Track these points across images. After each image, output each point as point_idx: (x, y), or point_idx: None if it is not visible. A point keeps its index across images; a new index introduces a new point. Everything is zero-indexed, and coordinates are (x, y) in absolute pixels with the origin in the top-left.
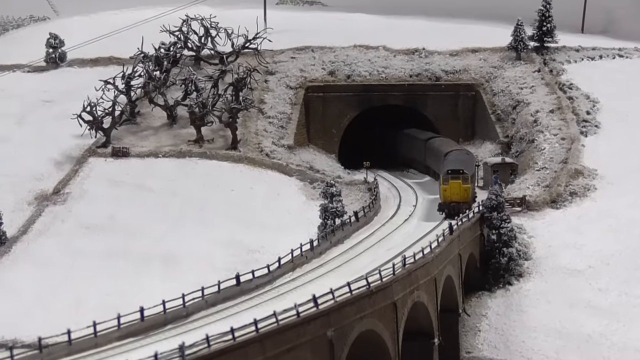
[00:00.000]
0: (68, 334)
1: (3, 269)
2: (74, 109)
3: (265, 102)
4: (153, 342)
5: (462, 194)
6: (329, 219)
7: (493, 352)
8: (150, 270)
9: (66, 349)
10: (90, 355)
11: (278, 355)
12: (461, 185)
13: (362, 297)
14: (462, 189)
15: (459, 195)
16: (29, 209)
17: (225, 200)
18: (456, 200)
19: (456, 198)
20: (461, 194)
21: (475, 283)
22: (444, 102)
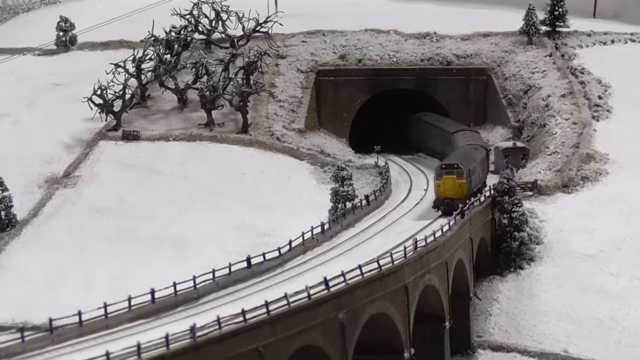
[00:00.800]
0: (79, 315)
1: (13, 252)
2: (84, 92)
3: (276, 85)
4: (164, 323)
5: (456, 190)
6: (339, 202)
7: (504, 337)
8: (160, 253)
9: (77, 331)
10: (101, 337)
11: (289, 337)
12: (455, 181)
13: (373, 279)
14: (456, 185)
15: (453, 191)
16: (39, 192)
17: (235, 183)
18: (450, 196)
19: (450, 194)
20: (456, 189)
21: (487, 267)
22: (455, 86)
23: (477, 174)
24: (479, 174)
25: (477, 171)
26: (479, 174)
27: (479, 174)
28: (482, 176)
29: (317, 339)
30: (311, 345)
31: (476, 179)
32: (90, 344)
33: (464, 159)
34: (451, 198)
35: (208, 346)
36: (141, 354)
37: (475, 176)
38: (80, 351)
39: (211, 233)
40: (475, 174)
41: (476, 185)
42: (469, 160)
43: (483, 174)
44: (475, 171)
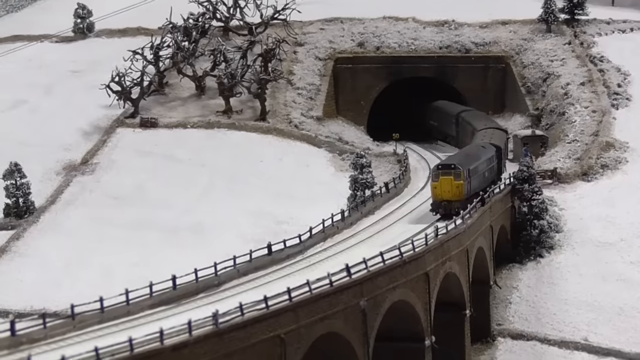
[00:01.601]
0: (100, 301)
1: (31, 239)
2: (102, 80)
3: (294, 73)
4: (185, 310)
5: (454, 192)
6: (358, 190)
7: (524, 325)
8: (178, 240)
9: (98, 317)
10: (122, 323)
11: (311, 324)
12: (453, 182)
13: (394, 267)
14: (453, 186)
15: (450, 193)
16: (57, 179)
17: (253, 171)
18: (447, 198)
19: (447, 196)
20: (453, 191)
21: (506, 255)
22: (474, 74)
23: (481, 174)
24: (484, 174)
25: (479, 171)
26: (484, 173)
27: (483, 173)
28: (488, 175)
29: (338, 326)
30: (333, 332)
31: (479, 179)
32: (111, 330)
33: (464, 159)
34: (448, 200)
35: (230, 333)
36: (164, 340)
37: (477, 176)
38: (102, 337)
39: (229, 220)
40: (477, 174)
41: (480, 186)
42: (469, 160)
43: (491, 173)
44: (477, 171)
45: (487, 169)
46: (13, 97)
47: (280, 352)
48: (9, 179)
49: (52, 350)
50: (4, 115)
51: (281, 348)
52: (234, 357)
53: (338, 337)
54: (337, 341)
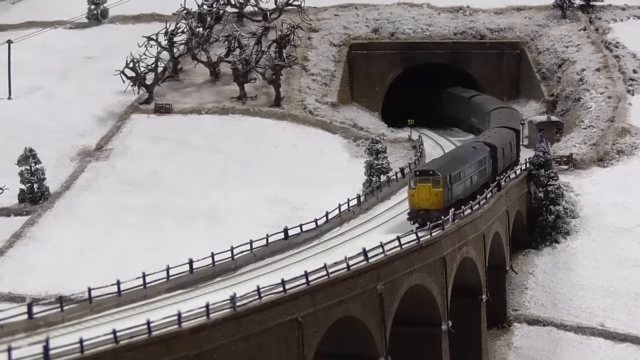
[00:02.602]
0: (117, 284)
1: (46, 225)
2: (116, 66)
3: (308, 59)
4: (203, 294)
5: (432, 200)
6: (374, 175)
7: (540, 310)
8: (193, 226)
9: (115, 300)
10: (139, 307)
11: (328, 307)
12: (431, 189)
13: (411, 251)
14: (432, 194)
15: (428, 201)
16: (72, 165)
17: (268, 157)
18: (425, 207)
19: (425, 205)
20: (431, 199)
21: (522, 241)
22: (489, 60)
23: (467, 179)
24: (472, 179)
25: (465, 176)
26: (472, 178)
27: (470, 178)
28: (479, 179)
29: (356, 310)
30: (350, 317)
31: (464, 185)
32: (129, 313)
33: (445, 164)
34: (426, 209)
35: (248, 316)
36: (182, 323)
37: (461, 182)
38: (119, 320)
39: (244, 206)
40: (461, 180)
41: (465, 193)
42: (453, 164)
43: (482, 176)
44: (461, 177)
45: (475, 173)
46: (28, 84)
47: (297, 335)
48: (23, 164)
49: (69, 333)
50: (19, 102)
51: (299, 331)
52: (251, 340)
53: (355, 321)
54: (354, 325)
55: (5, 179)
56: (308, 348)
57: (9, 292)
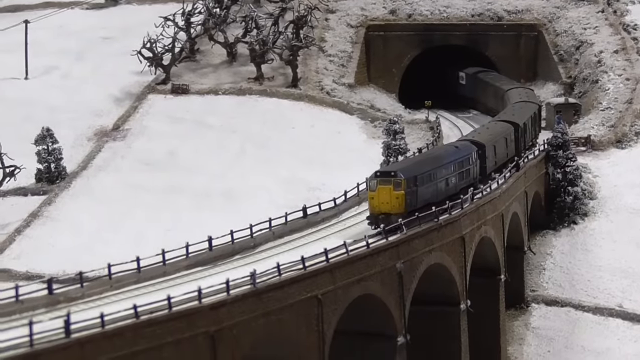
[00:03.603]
0: (137, 261)
1: (63, 204)
2: (133, 46)
3: (325, 40)
4: (222, 271)
5: (392, 203)
6: (391, 156)
7: (558, 291)
8: (210, 206)
9: (135, 277)
10: (158, 283)
11: (348, 285)
12: (392, 192)
13: (431, 230)
14: (392, 197)
15: (389, 205)
16: (89, 145)
17: (285, 137)
18: (386, 211)
19: (386, 208)
20: (392, 203)
21: (540, 222)
22: (506, 42)
23: (441, 180)
24: (448, 180)
25: (437, 178)
26: (447, 180)
27: (446, 180)
28: (459, 181)
29: (375, 288)
30: (369, 294)
31: (434, 187)
32: (148, 289)
33: (412, 165)
34: (387, 213)
35: (268, 293)
36: (202, 299)
37: (430, 185)
38: (139, 296)
39: (261, 186)
40: (430, 182)
41: (438, 196)
42: (421, 165)
43: (462, 178)
44: (430, 179)
45: (454, 174)
46: (45, 64)
47: (317, 312)
48: (41, 144)
49: (89, 308)
50: (36, 82)
51: (318, 309)
52: (271, 317)
53: (374, 299)
54: (374, 303)
55: (23, 158)
56: (327, 325)
57: (27, 270)
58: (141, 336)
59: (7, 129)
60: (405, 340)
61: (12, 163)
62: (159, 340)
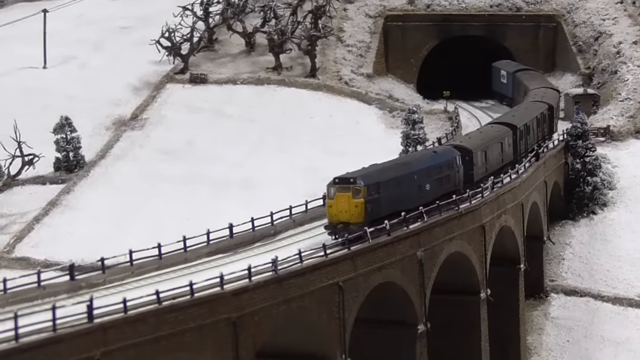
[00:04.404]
0: (158, 248)
1: (82, 193)
2: (151, 36)
3: (344, 30)
4: (243, 258)
5: (351, 212)
6: (410, 146)
7: (577, 281)
8: (229, 195)
9: (156, 264)
10: (180, 270)
11: (369, 272)
12: (350, 200)
13: (451, 218)
14: (351, 205)
15: (347, 214)
16: (107, 134)
17: (304, 127)
18: (344, 220)
19: (345, 217)
20: (351, 211)
21: (559, 212)
22: (525, 33)
23: (412, 188)
24: (422, 187)
25: (405, 185)
26: (421, 187)
27: (419, 187)
28: (435, 188)
29: (396, 276)
30: (390, 282)
31: (399, 196)
32: (170, 276)
33: (376, 171)
34: (345, 223)
35: (289, 279)
36: (224, 286)
37: (395, 193)
38: (161, 283)
39: (279, 176)
40: (396, 190)
41: (407, 204)
42: (387, 171)
43: (442, 185)
44: (397, 185)
45: (428, 181)
46: (63, 53)
47: (338, 299)
48: (59, 132)
49: (111, 294)
50: (55, 71)
51: (339, 296)
52: (292, 304)
53: (395, 287)
54: (394, 291)
55: (41, 147)
56: (348, 313)
57: (45, 259)
58: (164, 322)
59: (25, 117)
60: (426, 329)
61: (31, 152)
62: (181, 326)
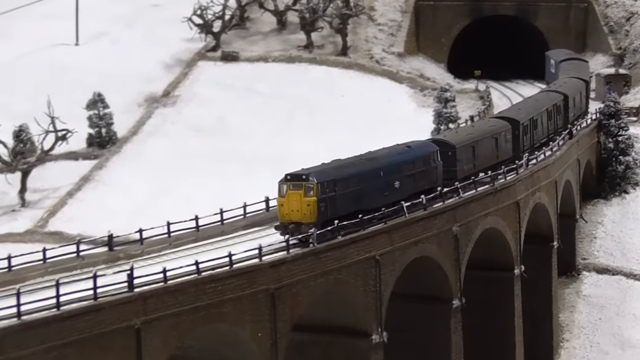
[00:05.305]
0: (195, 220)
1: (114, 169)
2: (183, 13)
3: (375, 9)
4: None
5: (303, 211)
6: (442, 124)
7: (609, 259)
8: (259, 171)
9: (193, 236)
10: (217, 242)
11: (405, 247)
12: (302, 199)
13: (486, 194)
14: (303, 204)
15: (299, 213)
16: (139, 111)
17: (334, 105)
18: (297, 220)
19: (296, 217)
20: (303, 210)
21: (591, 190)
22: (556, 13)
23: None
24: (390, 185)
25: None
26: (389, 183)
27: (386, 184)
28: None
29: (431, 250)
30: (426, 257)
31: (360, 193)
32: (207, 248)
33: (333, 168)
34: (297, 222)
35: (327, 252)
36: (262, 257)
37: (353, 191)
38: (198, 254)
39: (310, 153)
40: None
41: (370, 203)
42: (347, 167)
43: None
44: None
45: (398, 178)
46: (95, 29)
47: (375, 273)
48: (92, 109)
49: (149, 265)
50: (87, 47)
51: (376, 269)
52: (330, 276)
53: (431, 261)
54: (430, 266)
55: (74, 123)
56: (385, 286)
57: (78, 233)
58: (203, 292)
59: (58, 94)
60: (461, 304)
61: (64, 127)
62: (220, 297)
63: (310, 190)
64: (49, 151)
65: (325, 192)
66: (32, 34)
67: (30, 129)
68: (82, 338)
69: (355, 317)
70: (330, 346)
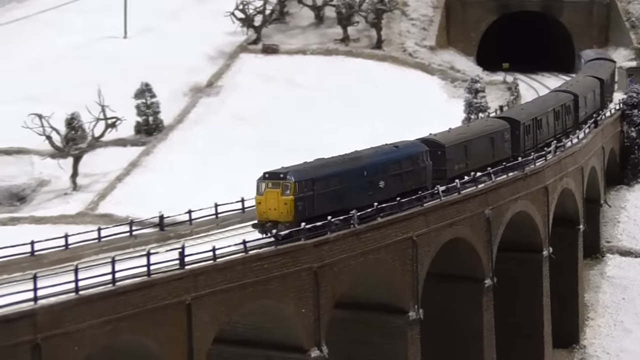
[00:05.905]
0: (242, 202)
1: (160, 155)
2: (226, 8)
3: (408, 4)
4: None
5: (280, 210)
6: (472, 113)
7: (632, 243)
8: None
9: (239, 217)
10: None
11: (440, 229)
12: (279, 197)
13: (517, 179)
14: (280, 203)
15: (276, 212)
16: (184, 100)
17: (370, 96)
18: (274, 218)
19: (274, 216)
20: (280, 209)
21: (615, 177)
22: (579, 9)
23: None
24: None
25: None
26: (373, 183)
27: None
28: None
29: (465, 232)
30: (460, 238)
31: (341, 193)
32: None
33: (312, 167)
34: (274, 221)
35: (367, 233)
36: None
37: (333, 190)
38: (244, 235)
39: (347, 142)
40: (334, 188)
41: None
42: (326, 167)
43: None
44: (333, 184)
45: (384, 177)
46: (142, 23)
47: (412, 253)
48: (140, 98)
49: (198, 244)
50: (134, 40)
51: (413, 250)
52: (369, 256)
53: (464, 242)
54: (463, 247)
55: (123, 111)
56: (421, 266)
57: (127, 215)
58: (250, 270)
59: (108, 84)
60: (492, 283)
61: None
62: (266, 274)
63: (287, 189)
64: (99, 138)
65: (303, 191)
66: (83, 27)
67: (81, 117)
68: (135, 312)
69: (393, 295)
70: (369, 323)
